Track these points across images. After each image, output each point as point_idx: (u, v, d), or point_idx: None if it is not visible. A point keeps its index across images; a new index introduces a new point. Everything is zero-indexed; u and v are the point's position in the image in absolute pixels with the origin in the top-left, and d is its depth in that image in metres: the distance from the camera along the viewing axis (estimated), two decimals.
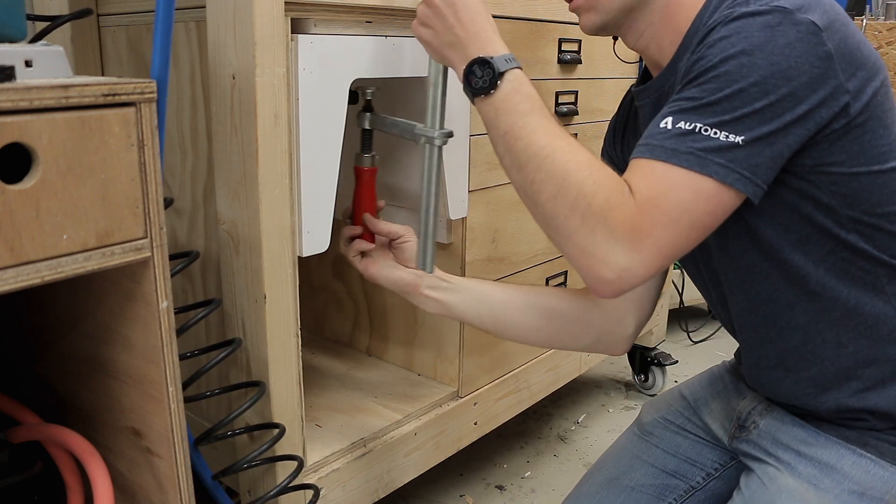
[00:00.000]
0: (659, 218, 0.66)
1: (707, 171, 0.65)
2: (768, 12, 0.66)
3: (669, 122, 0.68)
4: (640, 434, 1.02)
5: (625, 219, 0.66)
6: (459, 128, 1.10)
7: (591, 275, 0.69)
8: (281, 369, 0.93)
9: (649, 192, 0.66)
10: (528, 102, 0.74)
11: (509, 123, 0.74)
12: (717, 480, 0.96)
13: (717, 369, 1.02)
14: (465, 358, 1.24)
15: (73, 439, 0.66)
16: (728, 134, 0.65)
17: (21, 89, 0.48)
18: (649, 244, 0.66)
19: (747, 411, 0.91)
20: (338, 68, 0.91)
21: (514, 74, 0.75)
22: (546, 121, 0.73)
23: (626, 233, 0.66)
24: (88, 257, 0.54)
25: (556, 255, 1.40)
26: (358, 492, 1.07)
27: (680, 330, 2.29)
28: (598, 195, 0.67)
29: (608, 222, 0.66)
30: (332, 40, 0.90)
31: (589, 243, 0.67)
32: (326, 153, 0.92)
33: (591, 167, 0.69)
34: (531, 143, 0.72)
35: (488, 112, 0.76)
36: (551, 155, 0.70)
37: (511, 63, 0.76)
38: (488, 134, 0.77)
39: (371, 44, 0.95)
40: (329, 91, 0.91)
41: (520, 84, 0.75)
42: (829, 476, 0.78)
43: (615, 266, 0.67)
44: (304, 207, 0.91)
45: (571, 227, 0.68)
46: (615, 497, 0.96)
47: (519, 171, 0.73)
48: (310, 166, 0.91)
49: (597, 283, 0.69)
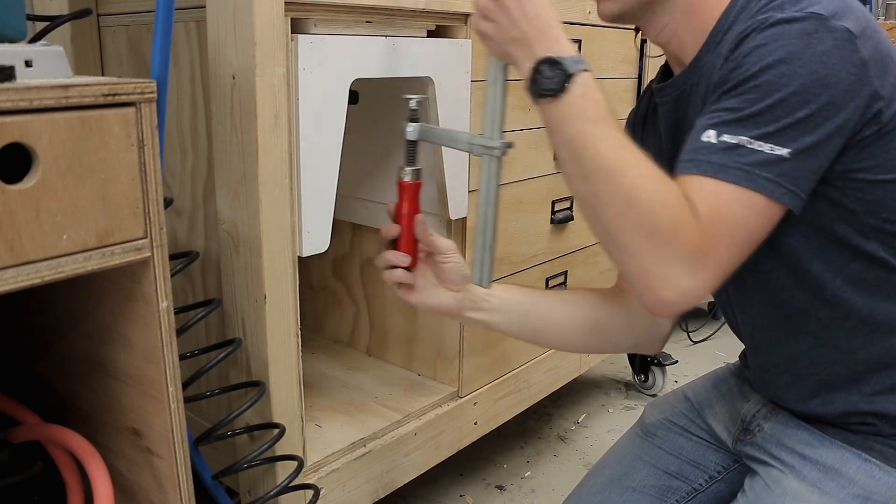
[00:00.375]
0: (721, 237, 0.66)
1: (757, 186, 0.65)
2: (804, 19, 0.65)
3: (713, 136, 0.67)
4: (642, 435, 1.02)
5: (690, 238, 0.65)
6: (459, 128, 1.10)
7: (651, 295, 0.67)
8: (281, 369, 0.93)
9: (706, 210, 0.66)
10: (597, 109, 0.70)
11: (577, 130, 0.70)
12: (720, 483, 0.95)
13: (722, 371, 1.02)
14: (465, 358, 1.24)
15: (73, 439, 0.66)
16: (773, 146, 0.65)
17: (21, 89, 0.48)
18: (712, 264, 0.66)
19: (752, 414, 0.91)
20: (338, 68, 0.91)
21: (584, 78, 0.71)
22: (614, 130, 0.70)
23: (690, 253, 0.65)
24: (88, 257, 0.54)
25: (555, 255, 1.40)
26: (358, 492, 1.07)
27: (680, 330, 2.29)
28: (664, 214, 0.65)
29: (673, 243, 0.65)
30: (332, 40, 0.90)
31: (652, 263, 0.66)
32: (326, 153, 0.92)
33: (658, 183, 0.67)
34: (598, 153, 0.68)
35: (554, 116, 0.71)
36: (620, 169, 0.67)
37: (580, 65, 0.71)
38: (551, 139, 0.73)
39: (371, 44, 0.95)
40: (329, 91, 0.91)
41: (590, 89, 0.71)
42: (833, 480, 0.78)
43: (677, 287, 0.66)
44: (305, 207, 0.91)
45: (635, 246, 0.67)
46: (617, 497, 0.96)
47: (583, 183, 0.70)
48: (310, 166, 0.90)
49: (656, 304, 0.68)
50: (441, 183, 1.11)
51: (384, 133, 1.21)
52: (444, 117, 1.07)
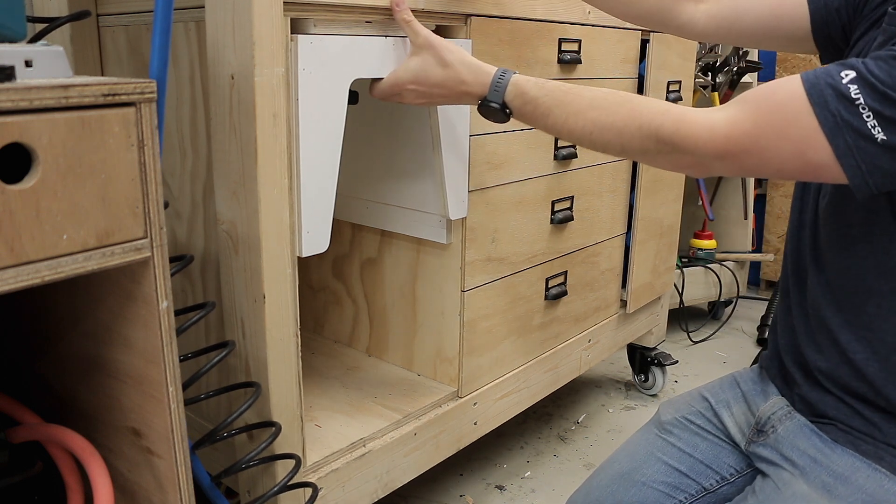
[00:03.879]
0: (763, 136, 0.71)
1: (833, 139, 0.67)
2: None
3: (848, 78, 0.68)
4: (657, 432, 1.01)
5: (711, 142, 0.73)
6: (460, 128, 1.10)
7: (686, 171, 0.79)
8: (280, 369, 0.93)
9: (778, 107, 0.70)
10: (537, 107, 0.84)
11: (541, 126, 0.86)
12: (730, 486, 0.95)
13: (740, 374, 1.02)
14: (464, 358, 1.24)
15: (73, 439, 0.66)
16: (876, 125, 0.66)
17: (21, 89, 0.48)
18: (737, 158, 0.73)
19: (767, 416, 0.91)
20: (338, 68, 0.91)
21: (511, 93, 0.85)
22: (564, 106, 0.82)
23: (711, 151, 0.74)
24: (88, 257, 0.54)
25: (555, 255, 1.40)
26: (357, 492, 1.07)
27: (680, 330, 2.29)
28: (663, 129, 0.75)
29: (686, 141, 0.75)
30: (331, 40, 0.90)
31: (671, 162, 0.78)
32: (326, 153, 0.92)
33: (638, 111, 0.78)
34: (571, 132, 0.82)
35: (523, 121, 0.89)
36: (595, 128, 0.80)
37: (500, 85, 0.86)
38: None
39: (371, 44, 0.95)
40: (329, 91, 0.91)
41: (521, 99, 0.85)
42: (843, 486, 0.79)
43: (703, 167, 0.76)
44: (304, 207, 0.91)
45: (656, 160, 0.79)
46: (625, 491, 0.96)
47: (582, 142, 0.84)
48: (309, 166, 0.91)
49: (695, 172, 0.79)
50: (441, 183, 1.11)
51: (384, 133, 1.21)
52: (443, 116, 1.07)
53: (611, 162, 1.51)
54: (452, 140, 1.10)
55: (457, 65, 0.89)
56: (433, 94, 0.92)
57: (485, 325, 1.26)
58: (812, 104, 0.68)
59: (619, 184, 1.56)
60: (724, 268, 2.35)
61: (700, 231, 2.41)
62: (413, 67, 0.92)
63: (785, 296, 0.93)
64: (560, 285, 1.43)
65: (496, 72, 0.87)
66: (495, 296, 1.27)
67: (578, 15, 1.30)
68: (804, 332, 0.88)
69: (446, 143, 1.09)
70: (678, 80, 1.67)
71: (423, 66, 0.91)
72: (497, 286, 1.27)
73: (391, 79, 0.94)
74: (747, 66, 2.28)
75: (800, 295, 0.89)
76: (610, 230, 1.57)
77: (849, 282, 0.82)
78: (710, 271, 2.32)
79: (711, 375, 1.98)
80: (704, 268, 2.32)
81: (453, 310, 1.21)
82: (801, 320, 0.89)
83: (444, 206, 1.13)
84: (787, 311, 0.92)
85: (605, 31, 1.38)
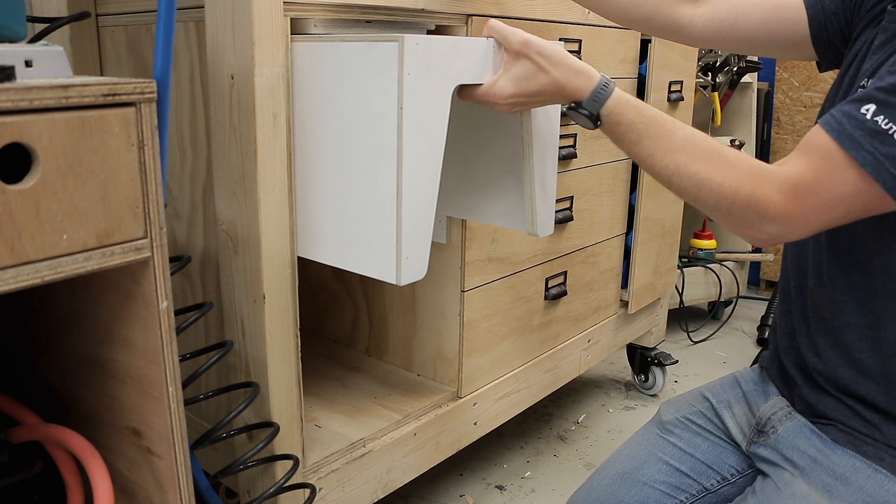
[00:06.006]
0: (818, 205, 0.71)
1: (879, 176, 0.68)
2: None
3: (871, 112, 0.69)
4: (659, 432, 1.01)
5: (774, 209, 0.72)
6: (549, 137, 1.03)
7: (745, 234, 0.77)
8: (280, 370, 0.93)
9: (818, 174, 0.70)
10: (629, 131, 0.80)
11: (627, 151, 0.82)
12: (731, 486, 0.95)
13: (741, 374, 1.02)
14: (464, 358, 1.24)
15: (73, 439, 0.66)
16: None
17: (21, 89, 0.48)
18: (802, 226, 0.73)
19: (768, 416, 0.91)
20: (443, 73, 0.83)
21: (608, 108, 0.80)
22: (655, 140, 0.78)
23: (777, 218, 0.72)
24: (88, 257, 0.54)
25: (555, 255, 1.41)
26: (357, 492, 1.07)
27: (680, 330, 2.29)
28: (739, 193, 0.73)
29: (758, 211, 0.72)
30: (438, 42, 0.83)
31: (739, 223, 0.75)
32: (428, 170, 0.84)
33: (723, 168, 0.74)
34: (653, 166, 0.79)
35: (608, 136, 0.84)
36: (677, 172, 0.76)
37: (600, 98, 0.80)
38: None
39: (472, 46, 0.86)
40: (433, 99, 0.83)
41: (617, 118, 0.80)
42: (843, 486, 0.79)
43: (769, 236, 0.75)
44: (405, 231, 0.82)
45: (718, 215, 0.76)
46: (626, 490, 0.96)
47: (660, 179, 0.80)
48: (411, 185, 0.82)
49: (750, 240, 0.78)
50: (531, 198, 1.07)
51: (459, 141, 1.09)
52: (535, 124, 0.98)
53: (610, 162, 1.51)
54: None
55: (557, 69, 0.83)
56: (531, 102, 0.86)
57: (485, 326, 1.26)
58: (849, 151, 0.69)
59: (618, 184, 1.56)
60: (724, 268, 2.35)
61: (700, 231, 2.41)
62: (515, 76, 0.85)
63: (785, 297, 0.93)
64: (560, 285, 1.43)
65: (599, 80, 0.82)
66: (495, 296, 1.27)
67: (578, 15, 1.30)
68: (804, 334, 0.88)
69: (538, 154, 0.97)
70: (680, 80, 1.67)
71: (524, 74, 0.84)
72: (497, 286, 1.27)
73: (492, 89, 0.86)
74: (747, 66, 2.28)
75: (800, 297, 0.89)
76: (610, 230, 1.57)
77: (853, 282, 0.82)
78: (710, 271, 2.32)
79: (711, 375, 1.98)
80: (704, 268, 2.32)
81: (453, 310, 1.21)
82: (801, 322, 0.89)
83: (532, 222, 1.00)
84: (786, 312, 0.92)
85: (604, 31, 1.39)
